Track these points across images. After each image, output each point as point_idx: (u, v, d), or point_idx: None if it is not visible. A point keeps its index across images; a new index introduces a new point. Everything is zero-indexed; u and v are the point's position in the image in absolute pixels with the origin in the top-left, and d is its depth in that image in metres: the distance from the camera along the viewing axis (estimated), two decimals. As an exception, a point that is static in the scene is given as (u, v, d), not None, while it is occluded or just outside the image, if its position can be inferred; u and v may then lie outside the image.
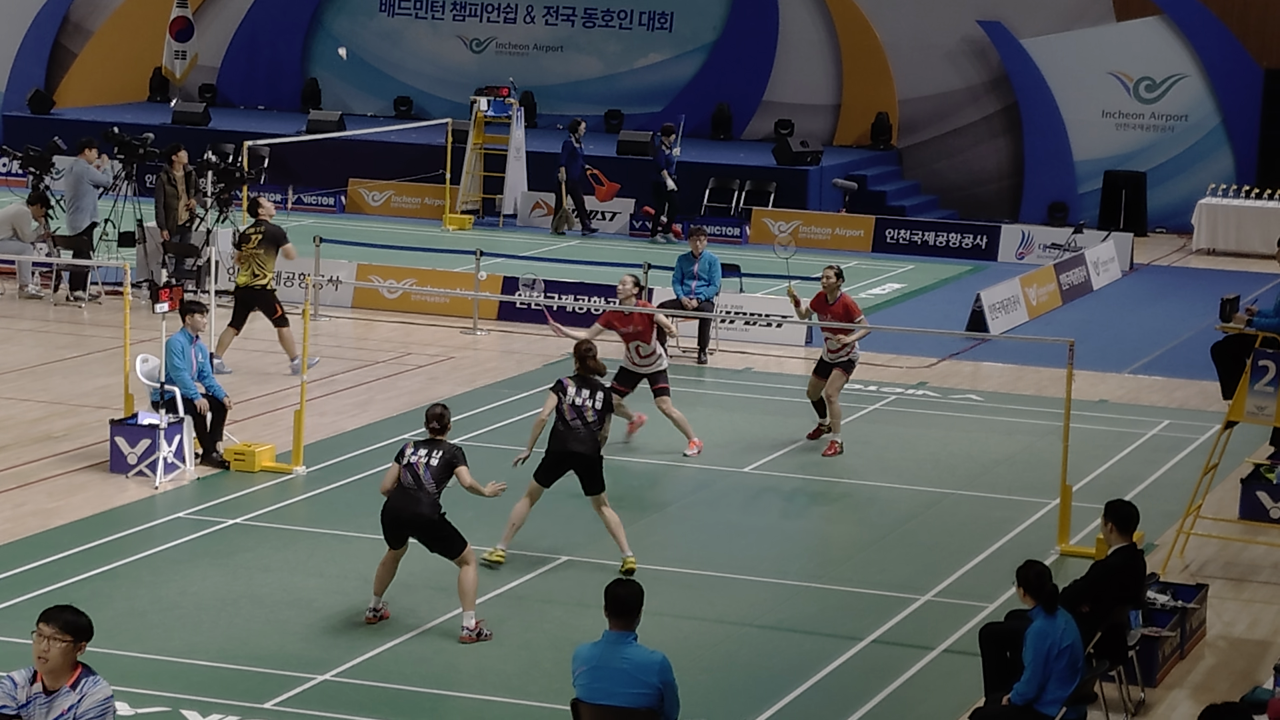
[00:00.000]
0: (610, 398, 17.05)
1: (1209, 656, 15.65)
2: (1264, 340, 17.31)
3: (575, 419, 16.81)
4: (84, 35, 47.14)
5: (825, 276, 21.64)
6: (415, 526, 15.33)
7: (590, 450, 16.80)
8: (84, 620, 9.53)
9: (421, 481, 15.26)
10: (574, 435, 16.81)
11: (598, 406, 16.82)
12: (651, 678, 11.43)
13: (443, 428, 15.74)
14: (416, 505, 15.26)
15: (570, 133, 37.11)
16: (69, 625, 9.46)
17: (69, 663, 9.47)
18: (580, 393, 16.91)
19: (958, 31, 41.92)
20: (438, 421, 15.75)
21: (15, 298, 28.82)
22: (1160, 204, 40.10)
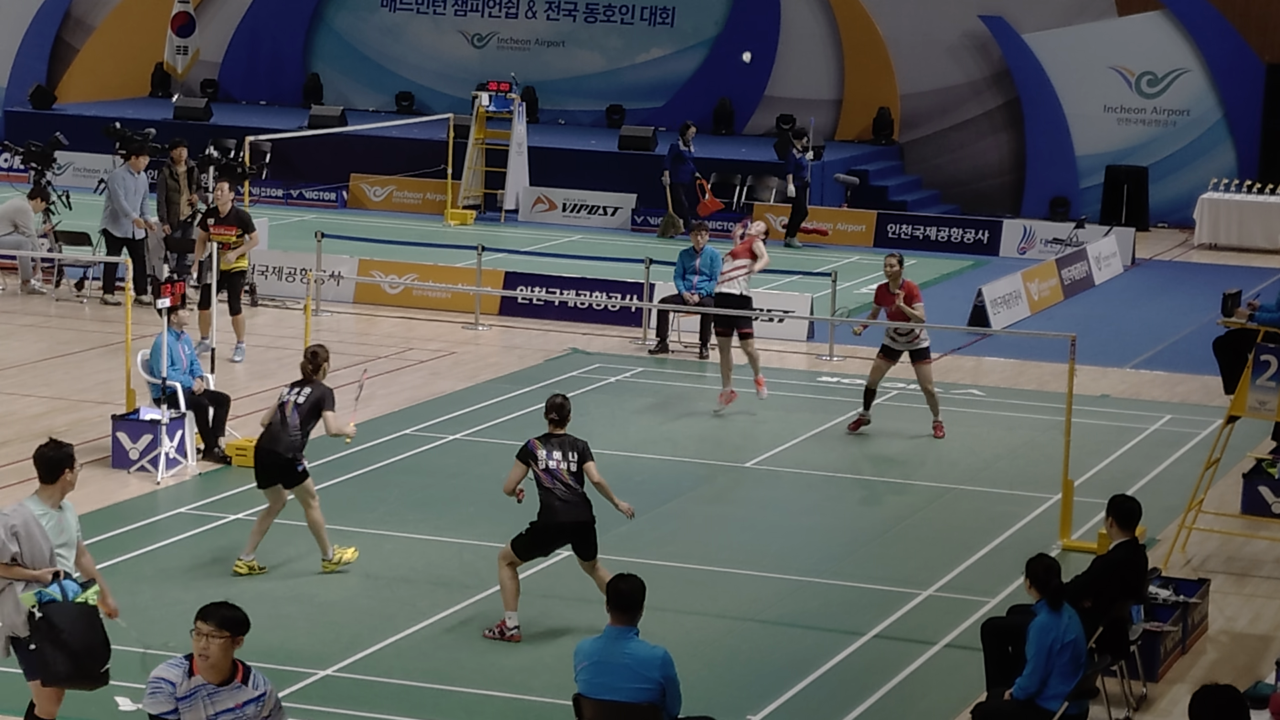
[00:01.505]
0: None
1: (1211, 651, 15.65)
2: (1266, 335, 17.31)
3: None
4: (86, 30, 47.13)
5: (888, 265, 21.88)
6: (577, 534, 15.11)
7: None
8: (240, 614, 9.64)
9: (572, 485, 15.02)
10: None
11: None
12: (653, 673, 11.43)
13: (562, 420, 15.18)
14: (580, 514, 14.99)
15: (679, 136, 36.84)
16: (226, 621, 9.57)
17: (229, 657, 9.59)
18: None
19: (959, 26, 41.89)
20: (557, 413, 15.20)
21: (17, 293, 28.82)
22: (1162, 199, 40.08)
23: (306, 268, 28.02)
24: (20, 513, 11.89)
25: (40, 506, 11.96)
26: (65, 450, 12.04)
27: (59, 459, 11.99)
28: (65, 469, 11.94)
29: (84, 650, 11.70)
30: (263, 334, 26.36)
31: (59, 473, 11.95)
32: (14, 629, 11.81)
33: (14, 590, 11.79)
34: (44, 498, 11.99)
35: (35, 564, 11.79)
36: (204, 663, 9.54)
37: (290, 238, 32.98)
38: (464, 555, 17.31)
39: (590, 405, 23.07)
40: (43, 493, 11.99)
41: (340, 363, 24.78)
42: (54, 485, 11.96)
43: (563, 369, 24.92)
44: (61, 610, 11.67)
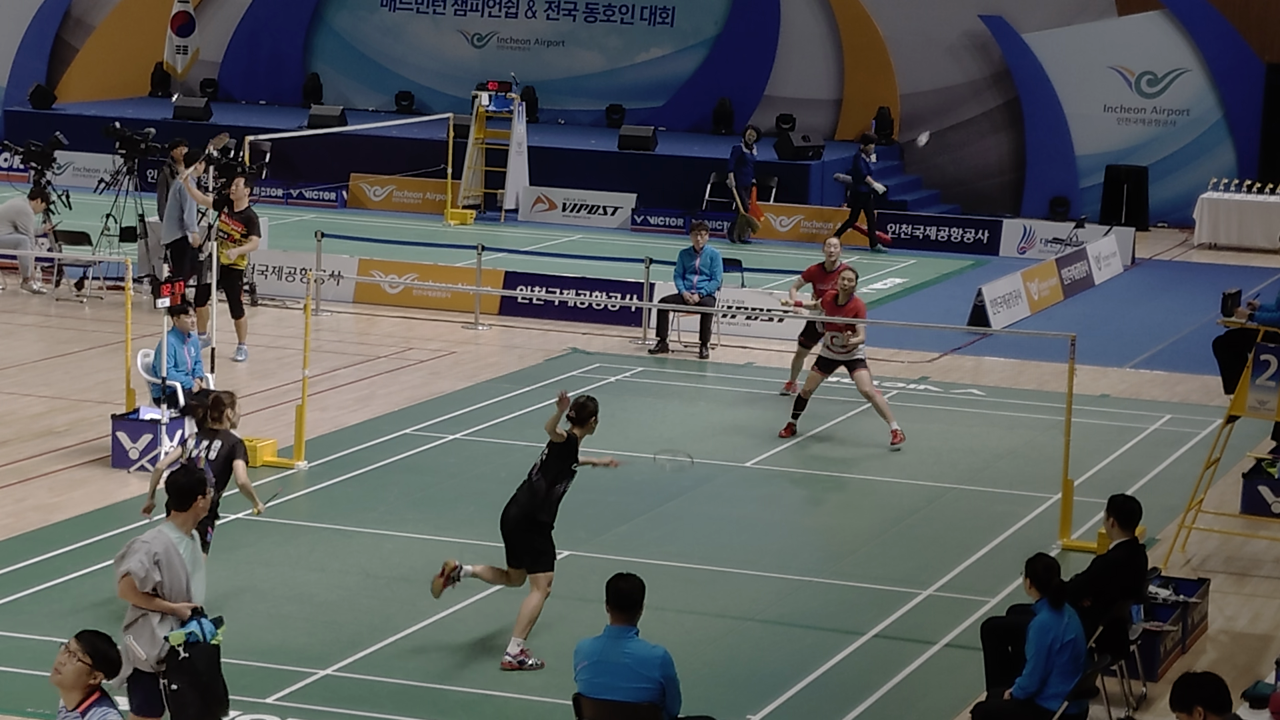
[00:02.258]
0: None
1: (1211, 651, 15.65)
2: (1266, 335, 17.31)
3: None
4: (85, 30, 47.13)
5: (845, 278, 21.70)
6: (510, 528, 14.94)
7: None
8: (113, 654, 9.55)
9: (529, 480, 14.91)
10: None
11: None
12: (653, 672, 11.43)
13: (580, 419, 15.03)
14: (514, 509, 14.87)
15: (741, 138, 36.70)
16: (93, 650, 9.47)
17: (81, 685, 9.46)
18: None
19: (959, 26, 41.90)
20: (577, 411, 15.12)
21: (17, 292, 28.82)
22: (1162, 198, 40.09)
23: (306, 267, 28.03)
24: (161, 540, 11.46)
25: (176, 534, 11.54)
26: (197, 476, 11.68)
27: (191, 486, 11.57)
28: (198, 496, 11.54)
29: (214, 697, 11.42)
30: (263, 334, 26.35)
31: (191, 500, 11.52)
32: (140, 663, 11.34)
33: (150, 622, 11.36)
34: (178, 524, 11.57)
35: (173, 595, 11.39)
36: (54, 677, 9.47)
37: (290, 237, 32.97)
38: (464, 555, 17.26)
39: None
40: (175, 519, 11.57)
41: (339, 362, 24.82)
42: (186, 513, 11.54)
43: (563, 369, 24.92)
44: (202, 652, 11.36)
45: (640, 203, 38.14)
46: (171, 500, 11.59)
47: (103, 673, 9.48)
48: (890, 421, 21.48)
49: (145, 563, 11.30)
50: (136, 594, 11.33)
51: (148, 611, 11.35)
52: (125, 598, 11.43)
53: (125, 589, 11.37)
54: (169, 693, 11.30)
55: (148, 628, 11.34)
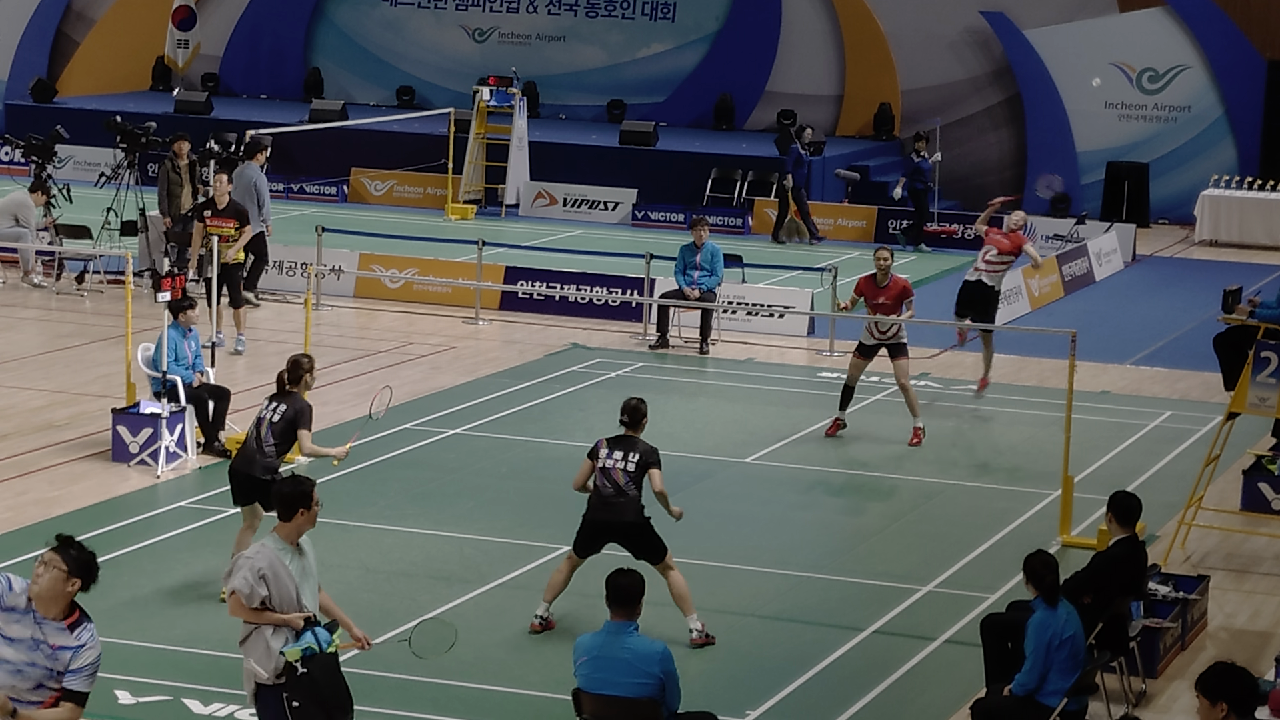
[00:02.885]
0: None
1: (1210, 648, 15.65)
2: (1266, 332, 17.31)
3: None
4: (87, 24, 47.12)
5: (880, 258, 21.60)
6: (622, 534, 15.02)
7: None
8: (89, 559, 9.48)
9: (623, 489, 14.90)
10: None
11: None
12: (653, 667, 11.44)
13: (634, 422, 15.10)
14: (621, 514, 14.90)
15: (795, 139, 36.62)
16: (71, 559, 9.41)
17: (59, 594, 9.41)
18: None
19: (960, 22, 41.88)
20: (629, 415, 15.12)
21: (18, 286, 28.82)
22: (1163, 195, 40.07)
23: (307, 262, 28.03)
24: (264, 554, 11.25)
25: (281, 545, 11.32)
26: (303, 486, 11.36)
27: (297, 495, 11.32)
28: (301, 507, 11.28)
29: (337, 706, 11.28)
30: (263, 328, 26.36)
31: (295, 510, 11.29)
32: (259, 677, 11.25)
33: (263, 635, 11.21)
34: (283, 535, 11.34)
35: (283, 607, 11.20)
36: (33, 587, 9.41)
37: (291, 232, 32.96)
38: (464, 550, 17.32)
39: (590, 400, 23.07)
40: (281, 530, 11.35)
41: (340, 357, 24.82)
42: (290, 524, 11.32)
43: (563, 364, 24.92)
44: (320, 663, 11.18)
45: (641, 198, 38.14)
46: (278, 510, 11.39)
47: (80, 580, 9.42)
48: (916, 418, 21.46)
49: (250, 579, 11.16)
50: (245, 610, 11.21)
51: (260, 626, 11.22)
52: (235, 615, 11.29)
53: (234, 606, 11.24)
54: (292, 710, 11.18)
55: (261, 642, 11.22)
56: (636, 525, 14.95)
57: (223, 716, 13.38)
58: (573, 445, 20.75)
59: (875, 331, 21.54)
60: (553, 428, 21.65)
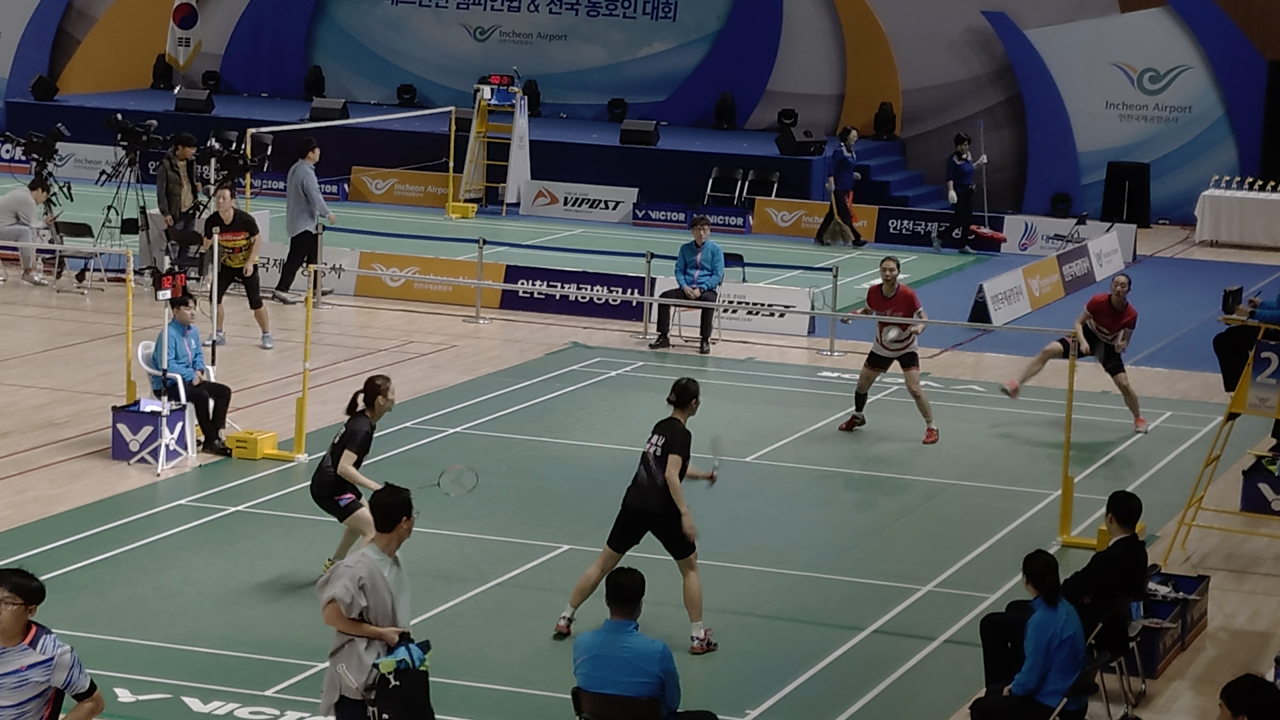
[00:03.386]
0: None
1: (1210, 648, 15.65)
2: (1267, 332, 17.31)
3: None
4: (88, 22, 47.12)
5: (885, 268, 21.66)
6: (652, 523, 14.88)
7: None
8: (36, 584, 9.61)
9: (654, 475, 14.83)
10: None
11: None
12: (653, 666, 11.44)
13: (681, 402, 14.94)
14: (648, 503, 14.80)
15: (840, 141, 36.41)
16: (19, 588, 9.53)
17: (20, 624, 9.54)
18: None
19: (962, 22, 41.88)
20: (678, 394, 14.95)
21: (19, 284, 28.82)
22: (1163, 195, 40.07)
23: (307, 260, 28.01)
24: (365, 564, 11.08)
25: (380, 556, 11.14)
26: (402, 496, 11.24)
27: (396, 505, 11.18)
28: (403, 516, 11.17)
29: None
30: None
31: (396, 520, 11.17)
32: (348, 690, 11.09)
33: (356, 648, 11.06)
34: (381, 546, 11.17)
35: (379, 619, 11.08)
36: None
37: (291, 230, 32.93)
38: (464, 548, 17.32)
39: (591, 399, 23.08)
40: (380, 540, 11.18)
41: (341, 355, 24.82)
42: (391, 534, 11.17)
43: (563, 363, 24.92)
44: (412, 679, 11.04)
45: (642, 197, 38.14)
46: (376, 521, 11.26)
47: (35, 604, 9.55)
48: (929, 420, 21.51)
49: (350, 588, 11.02)
50: (343, 620, 11.05)
51: (354, 637, 11.08)
52: (331, 624, 11.14)
53: (331, 615, 11.10)
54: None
55: (355, 654, 11.08)
56: (663, 517, 14.80)
57: (222, 714, 13.38)
58: (573, 444, 20.77)
59: (885, 346, 21.60)
60: (553, 426, 21.66)
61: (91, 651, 14.28)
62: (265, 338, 25.02)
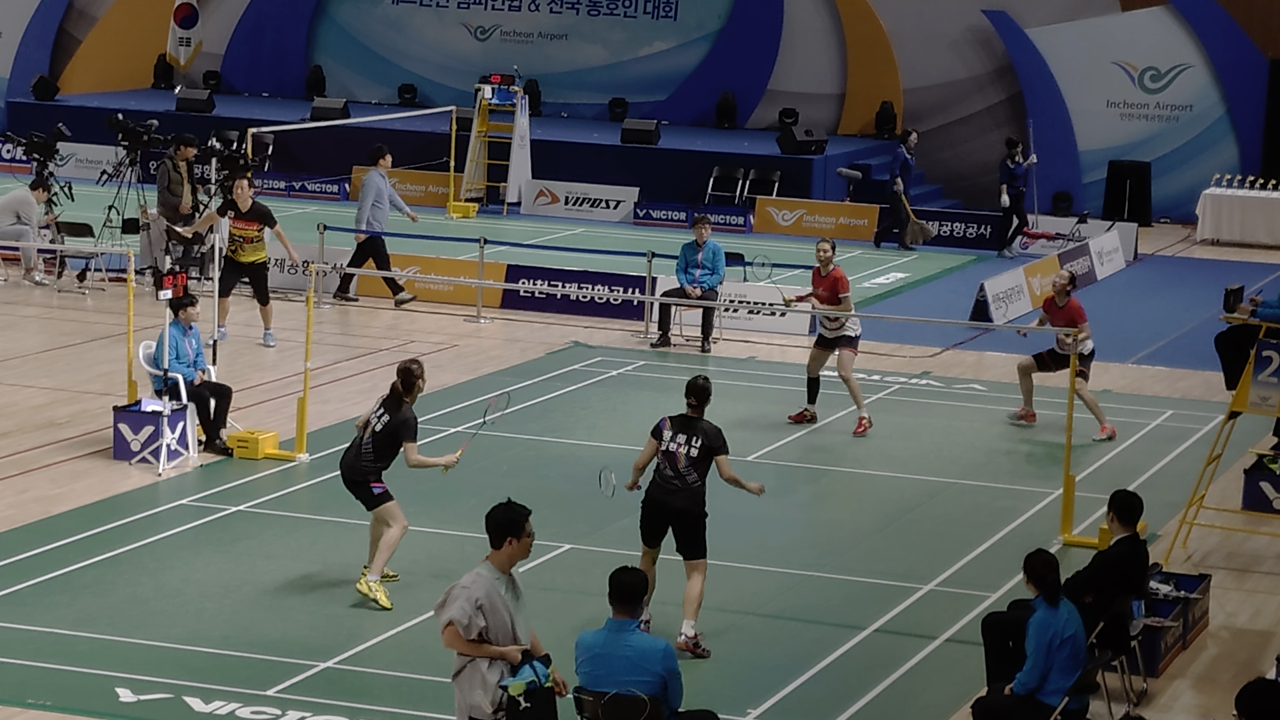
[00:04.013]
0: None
1: (1211, 647, 15.65)
2: (1268, 331, 17.31)
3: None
4: (88, 22, 47.13)
5: (820, 249, 21.88)
6: (675, 519, 14.79)
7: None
8: None
9: (681, 473, 14.73)
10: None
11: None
12: (655, 665, 11.43)
13: (700, 404, 14.84)
14: (674, 499, 14.70)
15: (901, 143, 36.15)
16: None
17: None
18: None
19: (962, 21, 41.87)
20: (697, 396, 14.84)
21: (19, 284, 28.82)
22: (1165, 194, 40.06)
23: (309, 260, 28.03)
24: (481, 584, 10.93)
25: (495, 574, 10.99)
26: (514, 514, 11.04)
27: (505, 523, 11.01)
28: (511, 535, 10.98)
29: None
30: (263, 326, 26.35)
31: (504, 538, 11.02)
32: (479, 712, 10.98)
33: (478, 669, 10.93)
34: (495, 564, 11.00)
35: (499, 639, 10.95)
36: None
37: (292, 229, 32.84)
38: (465, 548, 17.30)
39: (592, 399, 23.08)
40: (494, 558, 11.03)
41: (341, 354, 24.82)
42: (501, 552, 11.03)
43: (564, 362, 24.92)
44: (541, 697, 10.90)
45: (643, 197, 38.13)
46: (491, 537, 11.13)
47: None
48: (860, 409, 21.56)
49: (468, 609, 10.89)
50: (462, 642, 10.94)
51: (475, 659, 10.94)
52: (451, 647, 11.03)
53: (450, 638, 10.98)
54: None
55: (477, 675, 10.96)
56: (689, 514, 14.73)
57: (224, 714, 13.37)
58: (574, 443, 20.76)
59: (825, 325, 21.93)
60: (554, 426, 21.66)
61: (93, 651, 14.30)
62: (267, 335, 25.06)
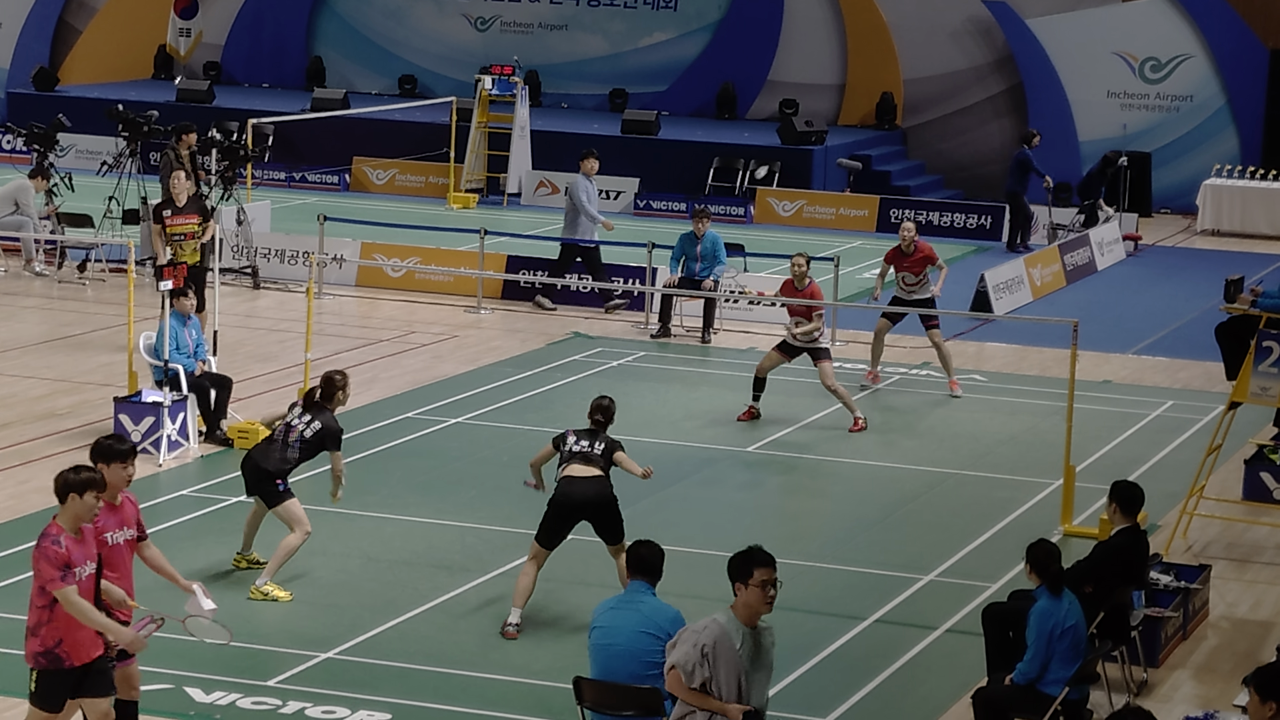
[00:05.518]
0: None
1: (1212, 637, 15.66)
2: (1268, 321, 17.31)
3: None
4: (89, 12, 47.11)
5: (795, 264, 21.79)
6: (590, 509, 14.88)
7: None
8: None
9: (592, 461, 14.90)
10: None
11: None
12: (666, 624, 11.47)
13: (607, 421, 15.17)
14: (587, 489, 14.81)
15: (1025, 144, 35.70)
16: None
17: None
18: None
19: (963, 11, 41.85)
20: (602, 414, 15.16)
21: (20, 274, 28.82)
22: (1165, 184, 40.06)
23: (309, 251, 28.04)
24: (711, 631, 10.29)
25: (734, 625, 10.27)
26: (750, 556, 10.17)
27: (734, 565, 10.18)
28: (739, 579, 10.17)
29: None
30: (265, 317, 26.37)
31: (733, 583, 10.35)
32: None
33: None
34: (738, 614, 10.23)
35: (726, 693, 10.30)
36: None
37: (292, 221, 32.97)
38: (466, 539, 17.33)
39: (592, 389, 23.06)
40: (737, 609, 10.25)
41: (341, 345, 24.82)
42: (738, 600, 10.19)
43: (565, 353, 24.92)
44: None
45: (643, 187, 38.12)
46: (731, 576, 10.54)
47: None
48: (854, 411, 21.48)
49: (692, 656, 10.35)
50: (684, 689, 10.42)
51: (695, 709, 10.41)
52: (673, 691, 10.60)
53: (672, 682, 10.55)
54: None
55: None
56: (604, 499, 14.83)
57: (224, 705, 13.39)
58: (574, 434, 20.74)
59: (794, 336, 21.66)
60: (554, 417, 21.65)
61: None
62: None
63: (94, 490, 10.96)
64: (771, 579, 10.43)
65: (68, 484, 10.94)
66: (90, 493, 10.94)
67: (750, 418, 21.75)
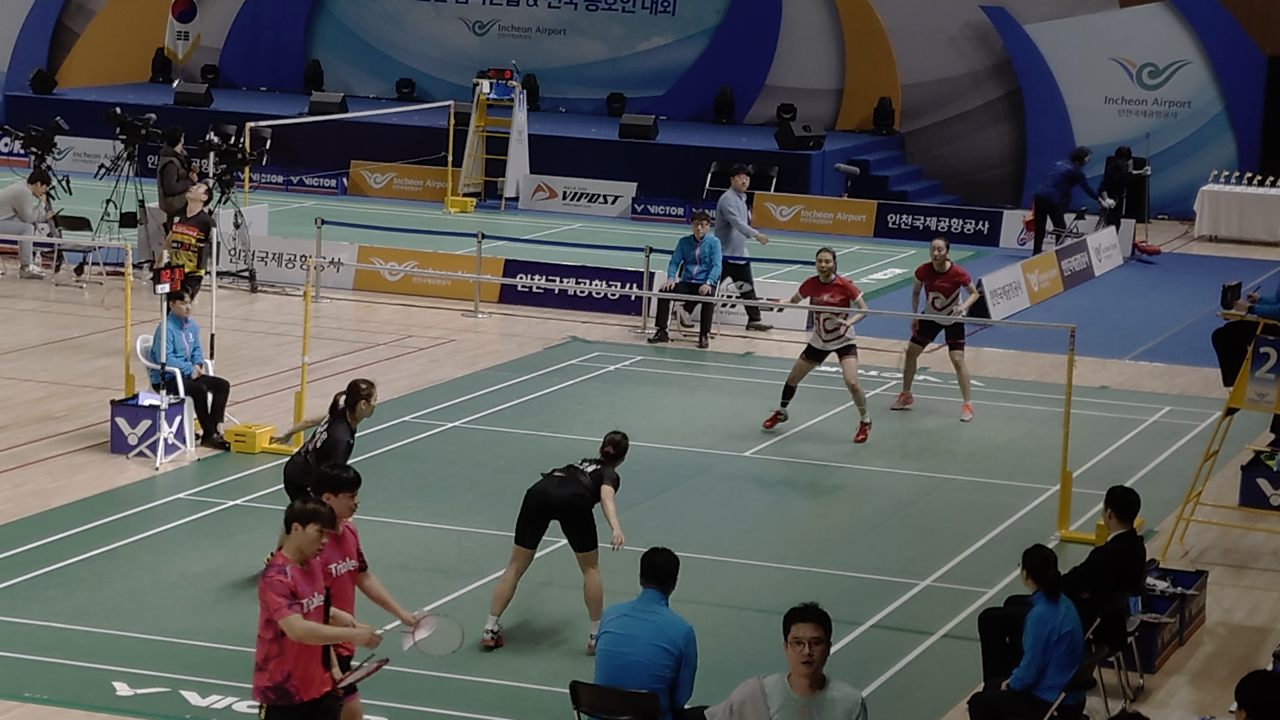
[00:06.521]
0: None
1: (1208, 643, 15.66)
2: (1265, 327, 17.32)
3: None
4: (86, 15, 47.10)
5: (822, 259, 21.54)
6: (562, 509, 14.69)
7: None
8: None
9: (577, 473, 14.75)
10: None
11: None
12: (677, 638, 11.49)
13: (617, 455, 14.91)
14: (563, 487, 14.64)
15: (1075, 162, 35.28)
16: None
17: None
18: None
19: (961, 16, 41.88)
20: (613, 448, 14.91)
21: (16, 278, 28.81)
22: (1162, 190, 40.06)
23: (306, 254, 28.04)
24: (746, 688, 9.58)
25: (781, 690, 9.44)
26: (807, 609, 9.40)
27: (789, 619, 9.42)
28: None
29: None
30: (263, 320, 26.36)
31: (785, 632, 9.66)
32: None
33: None
34: (792, 682, 9.43)
35: None
36: None
37: (290, 224, 32.97)
38: (462, 543, 17.32)
39: (589, 394, 23.07)
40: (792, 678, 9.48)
41: (338, 349, 24.82)
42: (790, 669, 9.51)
43: (562, 357, 24.92)
44: None
45: (641, 192, 38.14)
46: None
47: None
48: (864, 415, 21.39)
49: (720, 710, 9.78)
50: None
51: None
52: None
53: None
54: None
55: None
56: (579, 498, 14.57)
57: (221, 708, 13.38)
58: (571, 438, 20.75)
59: (823, 335, 21.46)
60: (551, 421, 21.66)
61: (89, 645, 14.30)
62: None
63: (317, 523, 10.61)
64: (809, 637, 9.30)
65: (292, 513, 10.67)
66: (313, 525, 10.60)
67: (775, 423, 21.64)
